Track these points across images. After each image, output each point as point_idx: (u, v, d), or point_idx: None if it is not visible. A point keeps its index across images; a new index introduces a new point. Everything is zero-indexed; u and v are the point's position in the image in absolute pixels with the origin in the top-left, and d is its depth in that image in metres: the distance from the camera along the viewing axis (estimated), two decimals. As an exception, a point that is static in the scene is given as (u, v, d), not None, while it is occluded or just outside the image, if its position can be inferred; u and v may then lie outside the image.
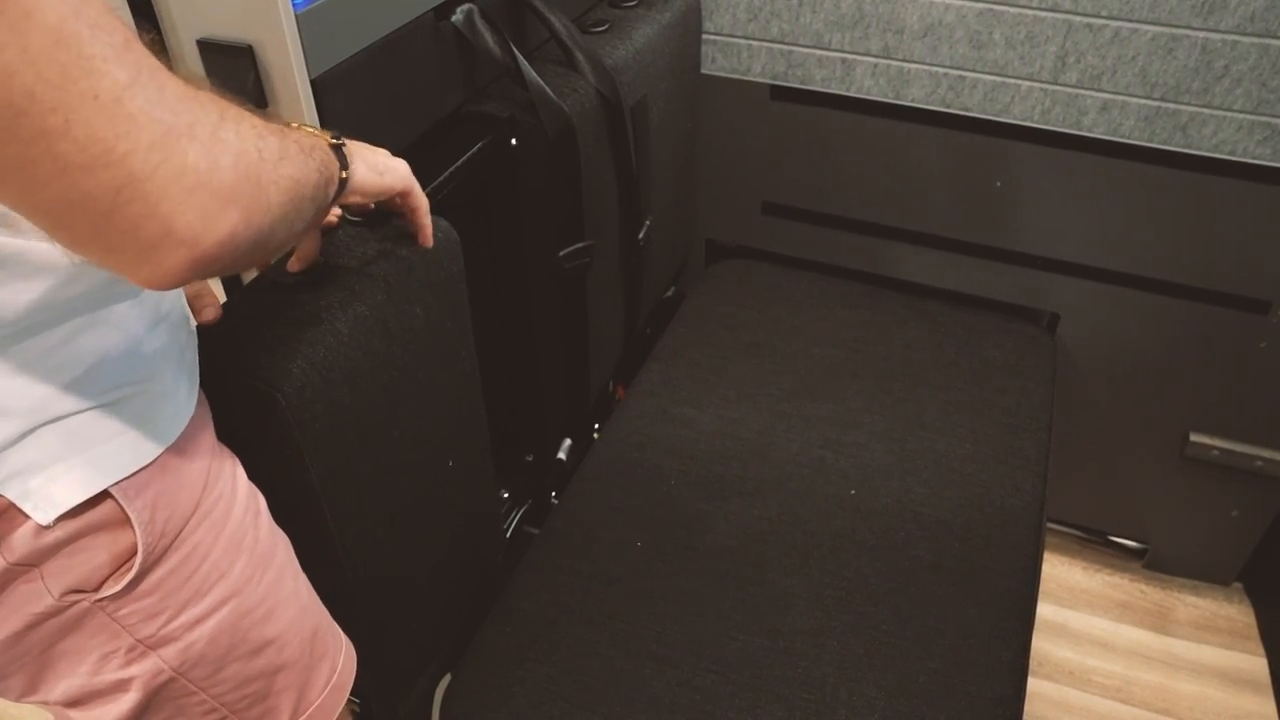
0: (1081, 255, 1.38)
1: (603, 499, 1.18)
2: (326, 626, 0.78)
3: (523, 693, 0.98)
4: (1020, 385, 1.33)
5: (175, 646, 0.64)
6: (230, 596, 0.67)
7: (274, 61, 0.78)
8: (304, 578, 0.76)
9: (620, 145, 1.18)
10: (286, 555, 0.74)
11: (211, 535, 0.65)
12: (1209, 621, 1.58)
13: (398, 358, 0.81)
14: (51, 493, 0.57)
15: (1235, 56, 1.16)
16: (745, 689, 0.97)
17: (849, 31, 1.33)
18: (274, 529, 0.72)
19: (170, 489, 0.62)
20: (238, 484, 0.69)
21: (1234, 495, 1.49)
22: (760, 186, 1.52)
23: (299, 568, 0.75)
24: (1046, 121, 1.30)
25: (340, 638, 0.80)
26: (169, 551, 0.62)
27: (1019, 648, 1.02)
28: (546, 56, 1.12)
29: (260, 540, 0.70)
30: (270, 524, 0.72)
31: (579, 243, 1.14)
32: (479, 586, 1.10)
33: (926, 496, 1.17)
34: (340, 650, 0.79)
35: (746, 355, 1.39)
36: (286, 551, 0.74)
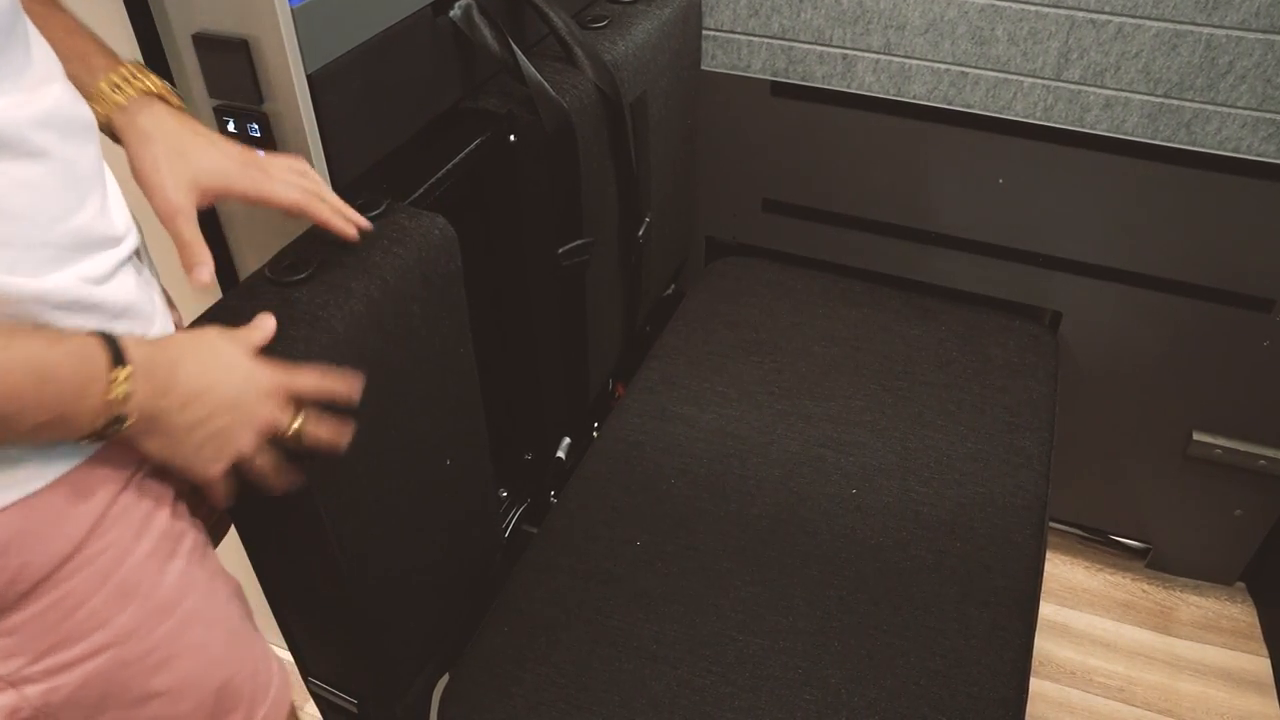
0: (1084, 253, 1.37)
1: (602, 498, 1.17)
2: (245, 676, 0.75)
3: (521, 693, 0.97)
4: (1022, 384, 1.32)
5: (37, 687, 0.62)
6: (109, 645, 0.64)
7: (270, 56, 0.78)
8: (227, 625, 0.72)
9: (620, 142, 1.17)
10: (203, 603, 0.70)
11: (93, 583, 0.62)
12: (1212, 621, 1.58)
13: (394, 356, 0.81)
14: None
15: (1240, 52, 1.15)
16: (745, 690, 0.96)
17: (850, 27, 1.32)
18: (189, 576, 0.69)
19: (32, 534, 0.58)
20: (147, 529, 0.65)
21: (1237, 495, 1.48)
22: (761, 183, 1.52)
23: (224, 615, 0.72)
24: (1049, 118, 1.29)
25: (265, 685, 0.77)
26: (29, 596, 0.60)
27: (1021, 648, 1.01)
28: (545, 52, 1.11)
29: (162, 588, 0.66)
30: (185, 571, 0.68)
31: (578, 240, 1.13)
32: (477, 586, 1.09)
33: (928, 495, 1.16)
34: (262, 699, 0.76)
35: (747, 353, 1.38)
36: (204, 599, 0.70)
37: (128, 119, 0.69)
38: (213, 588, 0.72)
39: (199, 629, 0.69)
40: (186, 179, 0.68)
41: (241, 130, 0.83)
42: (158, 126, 0.69)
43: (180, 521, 0.69)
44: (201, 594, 0.70)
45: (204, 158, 0.70)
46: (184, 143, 0.69)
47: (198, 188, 0.69)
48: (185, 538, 0.69)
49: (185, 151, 0.69)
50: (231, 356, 0.66)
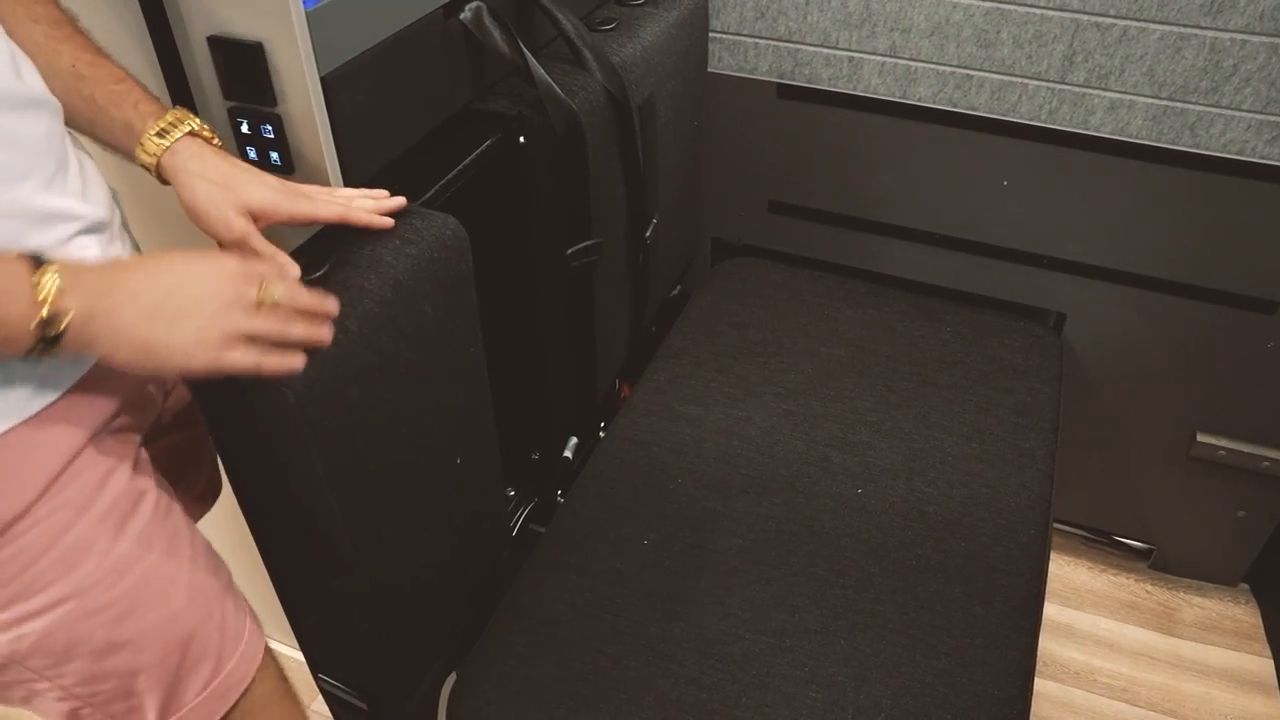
0: (1088, 255, 1.37)
1: (609, 497, 1.18)
2: (212, 628, 0.77)
3: (529, 690, 0.98)
4: (1027, 385, 1.33)
5: (3, 635, 0.66)
6: (68, 597, 0.67)
7: (284, 59, 0.78)
8: (190, 580, 0.75)
9: (628, 143, 1.18)
10: (163, 559, 0.73)
11: (45, 540, 0.66)
12: (1215, 622, 1.58)
13: (406, 355, 0.82)
14: None
15: (1244, 56, 1.16)
16: (752, 687, 0.97)
17: (856, 30, 1.32)
18: (148, 534, 0.72)
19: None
20: (104, 489, 0.69)
21: (1240, 496, 1.49)
22: (766, 185, 1.52)
23: (188, 570, 0.75)
24: (1054, 121, 1.29)
25: (236, 637, 0.80)
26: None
27: (1026, 647, 1.02)
28: (554, 54, 1.12)
29: (119, 548, 0.70)
30: (144, 530, 0.72)
31: (586, 241, 1.14)
32: (485, 584, 1.10)
33: (933, 496, 1.17)
34: (232, 651, 0.79)
35: (753, 354, 1.39)
36: (164, 556, 0.73)
37: (177, 163, 0.74)
38: (175, 544, 0.75)
39: (159, 583, 0.73)
40: (238, 206, 0.73)
41: (255, 132, 0.84)
42: (205, 167, 0.74)
43: (141, 479, 0.73)
44: (162, 550, 0.73)
45: (250, 189, 0.74)
46: (230, 178, 0.74)
47: (248, 211, 0.74)
48: (145, 497, 0.73)
49: (232, 185, 0.74)
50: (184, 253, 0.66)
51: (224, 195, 0.73)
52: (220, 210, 0.73)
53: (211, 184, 0.73)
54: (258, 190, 0.74)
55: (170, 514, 0.76)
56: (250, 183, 0.75)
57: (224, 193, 0.73)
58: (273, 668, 0.86)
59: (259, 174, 0.76)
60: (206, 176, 0.74)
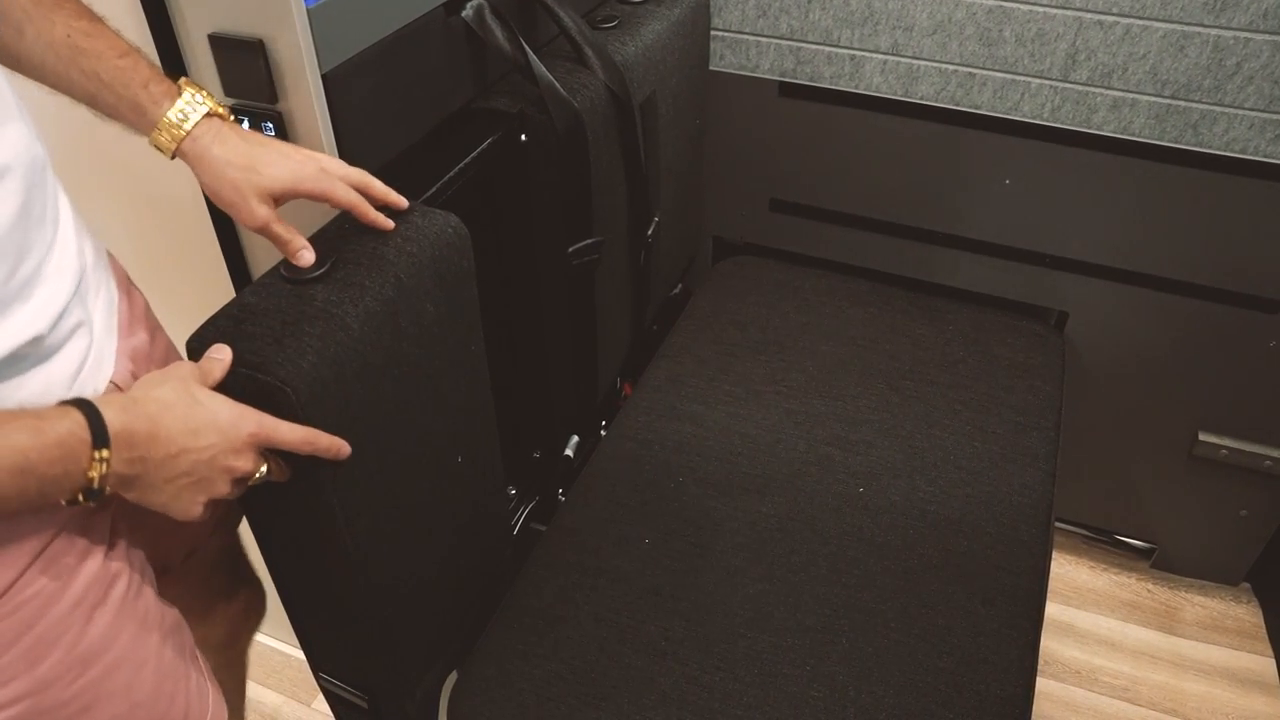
0: (1090, 253, 1.37)
1: (610, 496, 1.18)
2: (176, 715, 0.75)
3: (530, 689, 0.98)
4: (1028, 384, 1.33)
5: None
6: (28, 694, 0.64)
7: (285, 56, 0.78)
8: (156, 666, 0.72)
9: (629, 142, 1.18)
10: (130, 647, 0.70)
11: (15, 632, 0.63)
12: (1217, 622, 1.58)
13: (408, 353, 0.81)
14: None
15: (1247, 54, 1.16)
16: (753, 686, 0.97)
17: (858, 28, 1.32)
18: (118, 622, 0.69)
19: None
20: (77, 577, 0.66)
21: (1242, 495, 1.49)
22: (768, 183, 1.52)
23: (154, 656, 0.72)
24: (1056, 119, 1.29)
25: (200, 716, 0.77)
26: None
27: (1028, 646, 1.01)
28: (556, 52, 1.12)
29: (87, 638, 0.66)
30: (113, 618, 0.68)
31: (588, 239, 1.14)
32: (486, 583, 1.10)
33: (935, 494, 1.17)
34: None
35: (754, 352, 1.38)
36: (132, 643, 0.70)
37: (200, 148, 0.72)
38: (143, 630, 0.71)
39: (124, 673, 0.69)
40: (261, 191, 0.72)
41: (256, 129, 0.83)
42: (227, 151, 0.72)
43: (115, 563, 0.69)
44: (130, 638, 0.70)
45: (273, 168, 0.73)
46: (253, 159, 0.72)
47: (271, 196, 0.73)
48: (118, 581, 0.69)
49: (255, 167, 0.72)
50: (210, 404, 0.65)
51: (247, 180, 0.72)
52: (244, 198, 0.72)
53: (235, 168, 0.72)
54: (281, 169, 0.73)
55: (141, 594, 0.72)
56: (273, 162, 0.73)
57: (247, 176, 0.72)
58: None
59: (280, 147, 0.75)
60: (230, 161, 0.72)
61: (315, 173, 0.75)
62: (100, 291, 0.73)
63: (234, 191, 0.72)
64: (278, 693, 1.49)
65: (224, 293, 1.02)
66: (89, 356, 0.69)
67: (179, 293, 1.05)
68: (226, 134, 0.73)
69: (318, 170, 0.75)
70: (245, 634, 1.09)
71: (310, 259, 0.75)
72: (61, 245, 0.66)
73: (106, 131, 0.78)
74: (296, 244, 0.75)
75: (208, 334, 0.72)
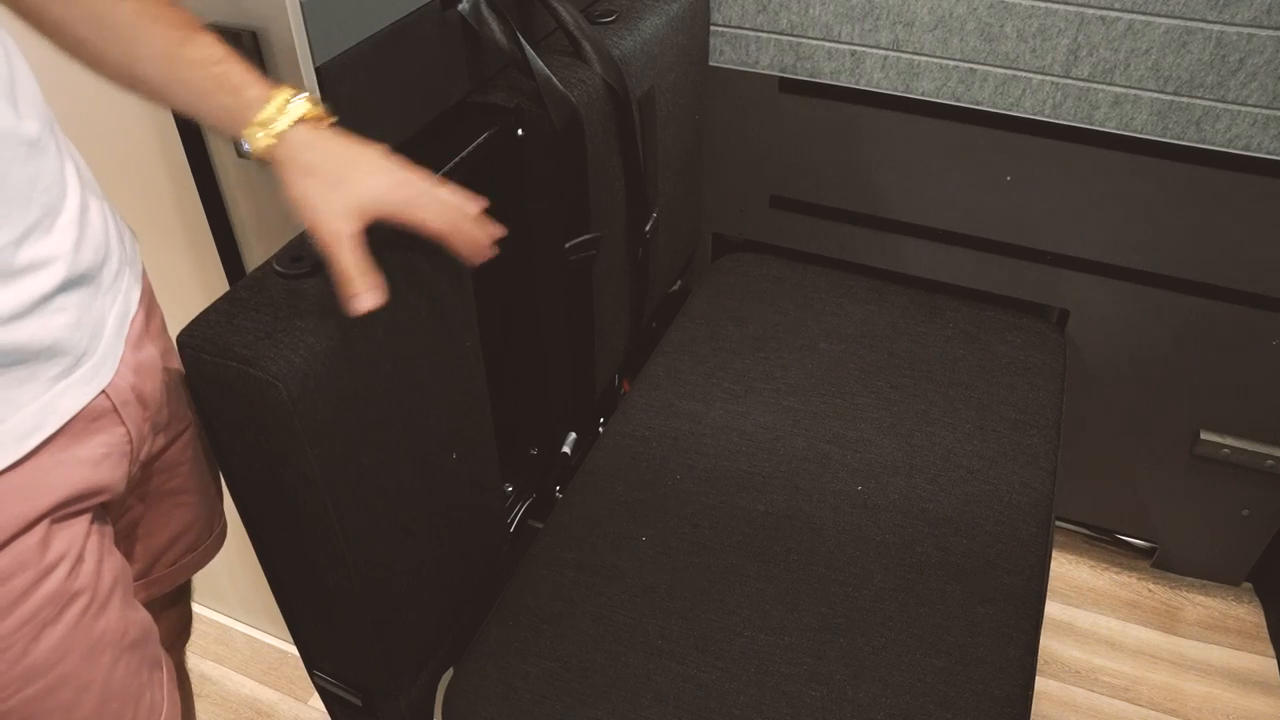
0: (1092, 251, 1.36)
1: (607, 493, 1.17)
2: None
3: (526, 687, 0.97)
4: (1029, 382, 1.32)
5: None
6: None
7: (279, 48, 0.78)
8: (104, 687, 0.69)
9: (627, 137, 1.17)
10: (79, 666, 0.67)
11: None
12: (1218, 622, 1.57)
13: (401, 348, 0.81)
14: None
15: (1251, 50, 1.15)
16: (750, 685, 0.96)
17: (859, 24, 1.31)
18: (69, 641, 0.66)
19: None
20: (28, 598, 0.63)
21: (1244, 494, 1.48)
22: (768, 180, 1.51)
23: (103, 676, 0.69)
24: (1058, 115, 1.28)
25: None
26: None
27: (1027, 646, 1.01)
28: (553, 47, 1.11)
29: (32, 655, 0.64)
30: (65, 636, 0.65)
31: (585, 235, 1.13)
32: (482, 580, 1.09)
33: (934, 493, 1.16)
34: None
35: (753, 350, 1.38)
36: (81, 662, 0.67)
37: (287, 153, 0.68)
38: (95, 651, 0.68)
39: (66, 693, 0.67)
40: (346, 207, 0.67)
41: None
42: (318, 157, 0.68)
43: (80, 581, 0.66)
44: (80, 656, 0.67)
45: (363, 185, 0.68)
46: (344, 170, 0.68)
47: (357, 213, 0.68)
48: (77, 600, 0.66)
49: (345, 179, 0.68)
50: None
51: (331, 190, 0.67)
52: (321, 206, 0.67)
53: (319, 180, 0.67)
54: (370, 186, 0.68)
55: (103, 613, 0.68)
56: (364, 176, 0.68)
57: (333, 188, 0.67)
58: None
59: (375, 160, 0.70)
60: (316, 172, 0.67)
61: (408, 192, 0.70)
62: (117, 299, 0.70)
63: (315, 200, 0.67)
64: (274, 690, 1.49)
65: (217, 285, 1.01)
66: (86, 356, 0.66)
67: (172, 286, 1.05)
68: (319, 142, 0.69)
69: (412, 189, 0.70)
70: (181, 644, 1.06)
71: (362, 309, 0.67)
72: (61, 233, 0.63)
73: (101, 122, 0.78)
74: (353, 287, 0.67)
75: (199, 328, 0.72)
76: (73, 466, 0.65)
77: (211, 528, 0.90)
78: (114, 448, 0.69)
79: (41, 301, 0.61)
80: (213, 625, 1.57)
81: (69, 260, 0.63)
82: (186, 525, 0.86)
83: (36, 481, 0.63)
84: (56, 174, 0.64)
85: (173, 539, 0.85)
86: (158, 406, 0.74)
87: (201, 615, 1.58)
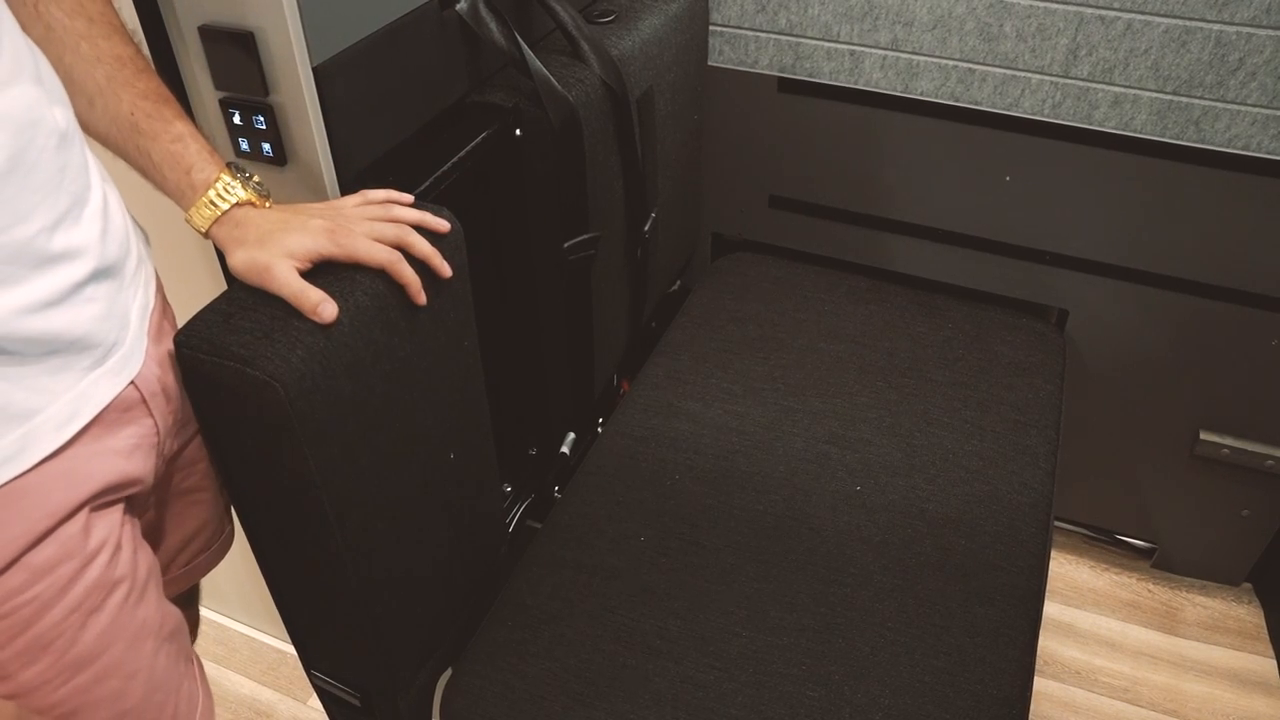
0: (1091, 250, 1.36)
1: (606, 493, 1.17)
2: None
3: (524, 687, 0.97)
4: (1028, 382, 1.32)
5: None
6: (13, 695, 0.64)
7: (276, 48, 0.78)
8: (149, 675, 0.71)
9: (626, 137, 1.17)
10: (124, 654, 0.69)
11: (7, 635, 0.62)
12: (1218, 622, 1.57)
13: (399, 349, 0.81)
14: None
15: (1250, 49, 1.15)
16: (749, 686, 0.96)
17: (858, 24, 1.31)
18: (114, 630, 0.67)
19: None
20: (76, 583, 0.64)
21: (1244, 494, 1.48)
22: (767, 180, 1.51)
23: (147, 664, 0.71)
24: (1057, 115, 1.28)
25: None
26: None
27: (1026, 646, 1.01)
28: (552, 47, 1.11)
29: (81, 644, 0.65)
30: (109, 625, 0.67)
31: (584, 234, 1.13)
32: (481, 580, 1.09)
33: (933, 493, 1.16)
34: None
35: (752, 349, 1.38)
36: (126, 650, 0.69)
37: (225, 232, 0.74)
38: (138, 639, 0.70)
39: (115, 681, 0.68)
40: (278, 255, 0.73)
41: (247, 123, 0.83)
42: (250, 232, 0.74)
43: (120, 569, 0.68)
44: (125, 645, 0.69)
45: (289, 239, 0.73)
46: (270, 232, 0.73)
47: (290, 258, 0.73)
48: (119, 588, 0.68)
49: (271, 241, 0.73)
50: None
51: (260, 251, 0.72)
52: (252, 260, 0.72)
53: (249, 246, 0.73)
54: (296, 240, 0.73)
55: (142, 601, 0.70)
56: (288, 234, 0.73)
57: (261, 249, 0.72)
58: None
59: (305, 223, 0.74)
60: (245, 241, 0.73)
61: (338, 238, 0.74)
62: (138, 292, 0.72)
63: (247, 260, 0.72)
64: (273, 690, 1.49)
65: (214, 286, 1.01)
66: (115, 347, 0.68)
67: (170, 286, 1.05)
68: (253, 217, 0.74)
69: (342, 234, 0.75)
70: None
71: (331, 314, 0.72)
72: (88, 223, 0.65)
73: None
74: (304, 304, 0.72)
75: (197, 328, 0.72)
76: (108, 457, 0.67)
77: (223, 528, 0.91)
78: (143, 439, 0.70)
79: (74, 290, 0.63)
80: (212, 625, 1.57)
81: (98, 251, 0.65)
82: (201, 524, 0.87)
83: (77, 470, 0.64)
84: (81, 165, 0.65)
85: (188, 538, 0.86)
86: (180, 400, 0.75)
87: (201, 615, 1.58)
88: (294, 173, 0.85)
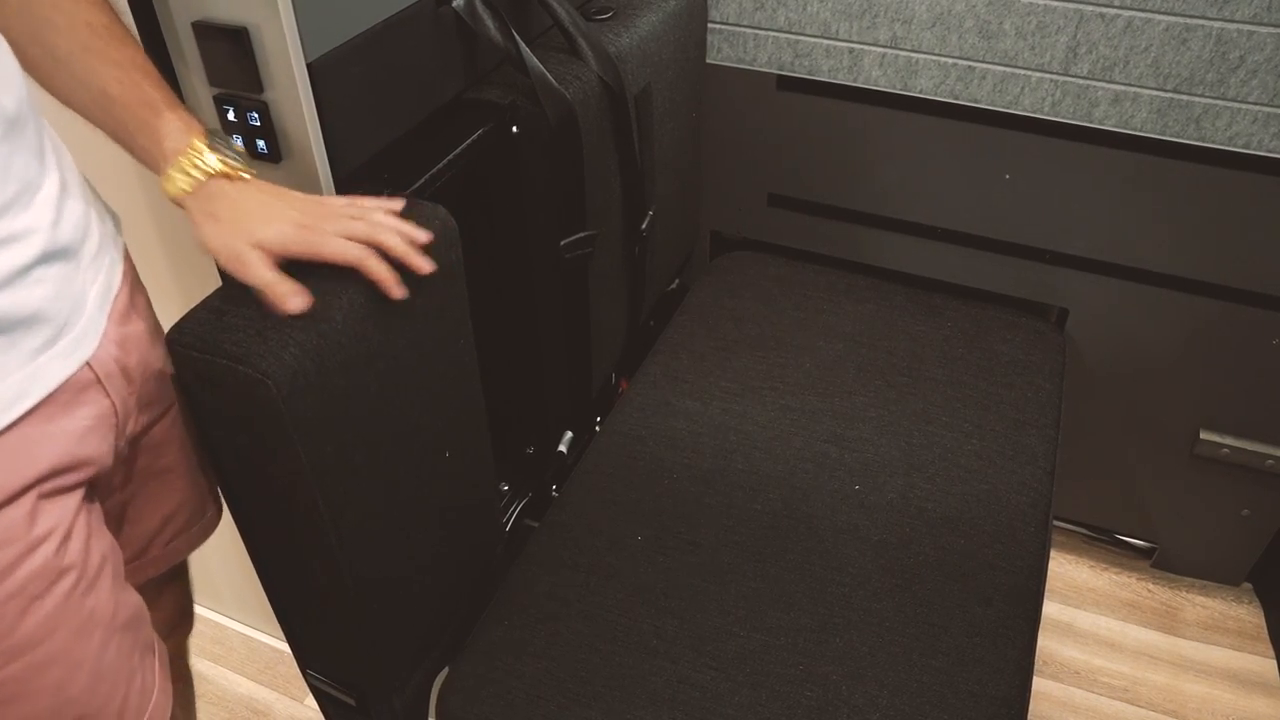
0: (1091, 249, 1.36)
1: (603, 492, 1.17)
2: (109, 714, 0.72)
3: (520, 686, 0.97)
4: (1028, 381, 1.31)
5: None
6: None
7: (270, 44, 0.77)
8: (95, 666, 0.69)
9: (623, 135, 1.17)
10: (68, 643, 0.67)
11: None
12: (1218, 622, 1.56)
13: (393, 346, 0.80)
14: None
15: (1251, 47, 1.14)
16: (746, 686, 0.96)
17: (856, 21, 1.31)
18: (58, 617, 0.66)
19: None
20: (14, 571, 0.63)
21: (1244, 494, 1.47)
22: (766, 178, 1.51)
23: (94, 655, 0.69)
24: (1057, 113, 1.28)
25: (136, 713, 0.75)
26: None
27: (1024, 646, 1.00)
28: (549, 44, 1.10)
29: (19, 631, 0.64)
30: (53, 612, 0.65)
31: (581, 232, 1.12)
32: (477, 579, 1.09)
33: (932, 492, 1.15)
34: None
35: (751, 348, 1.37)
36: (70, 640, 0.67)
37: (195, 203, 0.73)
38: (85, 629, 0.68)
39: (58, 670, 0.67)
40: (248, 243, 0.71)
41: (241, 119, 0.82)
42: (223, 207, 0.73)
43: (68, 558, 0.66)
44: (70, 634, 0.67)
45: (263, 228, 0.72)
46: (244, 219, 0.72)
47: (260, 249, 0.72)
48: (66, 576, 0.66)
49: (244, 223, 0.72)
50: None
51: (232, 232, 0.71)
52: (224, 245, 0.71)
53: (221, 225, 0.72)
54: (269, 229, 0.72)
55: (92, 590, 0.69)
56: (263, 221, 0.72)
57: (234, 231, 0.71)
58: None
59: (279, 210, 0.74)
60: (218, 218, 0.72)
61: (306, 234, 0.73)
62: (99, 275, 0.72)
63: (217, 242, 0.71)
64: (270, 689, 1.48)
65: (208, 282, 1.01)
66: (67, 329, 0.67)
67: (164, 283, 1.04)
68: (228, 191, 0.73)
69: (311, 231, 0.73)
70: (180, 633, 1.06)
71: (300, 306, 0.71)
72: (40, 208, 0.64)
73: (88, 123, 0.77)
74: (275, 293, 0.71)
75: (189, 325, 0.71)
76: (58, 438, 0.66)
77: (203, 510, 0.90)
78: (100, 420, 0.70)
79: (20, 273, 0.62)
80: (209, 624, 1.57)
81: (47, 235, 0.64)
82: (176, 506, 0.86)
83: (22, 451, 0.63)
84: (35, 150, 0.65)
85: (164, 520, 0.85)
86: (143, 380, 0.74)
87: (198, 614, 1.57)
88: (289, 170, 0.84)
